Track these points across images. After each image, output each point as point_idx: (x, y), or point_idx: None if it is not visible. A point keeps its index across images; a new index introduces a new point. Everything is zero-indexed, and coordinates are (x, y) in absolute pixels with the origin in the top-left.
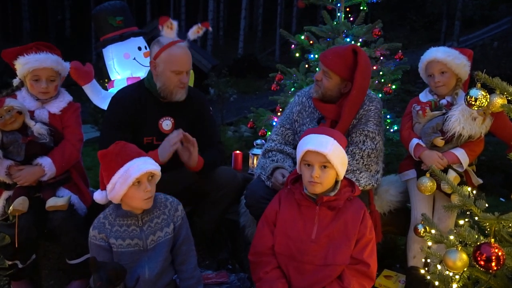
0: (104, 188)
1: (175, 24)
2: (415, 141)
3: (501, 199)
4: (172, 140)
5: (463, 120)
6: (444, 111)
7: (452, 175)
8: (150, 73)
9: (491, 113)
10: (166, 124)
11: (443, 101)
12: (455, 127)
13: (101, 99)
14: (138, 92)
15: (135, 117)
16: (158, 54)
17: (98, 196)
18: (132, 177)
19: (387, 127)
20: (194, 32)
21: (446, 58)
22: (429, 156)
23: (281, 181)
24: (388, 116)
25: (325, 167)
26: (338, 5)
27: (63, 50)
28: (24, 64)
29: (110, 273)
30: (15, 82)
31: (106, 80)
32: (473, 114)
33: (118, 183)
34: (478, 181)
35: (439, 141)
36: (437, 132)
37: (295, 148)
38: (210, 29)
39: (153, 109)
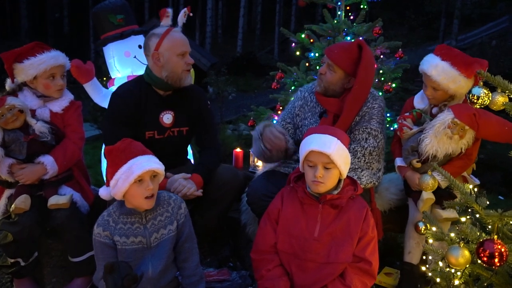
0: (109, 185)
1: (170, 11)
2: (397, 162)
3: (500, 197)
4: (187, 193)
5: (436, 142)
6: (424, 125)
7: (425, 197)
8: (148, 68)
9: (473, 126)
10: (167, 118)
11: (435, 110)
12: (428, 150)
13: (102, 97)
14: (138, 87)
15: (136, 112)
16: (160, 44)
17: (103, 192)
18: (134, 174)
19: (387, 125)
20: (182, 17)
21: (442, 81)
22: (411, 179)
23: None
24: (388, 115)
25: (328, 167)
26: (339, 3)
27: (61, 48)
28: (39, 64)
29: (125, 278)
30: (8, 85)
31: (104, 78)
32: (447, 134)
33: (121, 180)
34: (474, 182)
35: (416, 164)
36: (414, 153)
37: (296, 143)
38: (191, 14)
39: (153, 103)
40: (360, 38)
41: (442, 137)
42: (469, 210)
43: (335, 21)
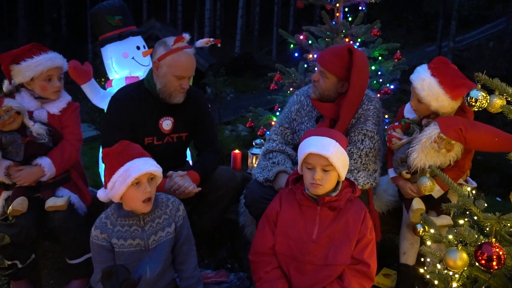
0: (107, 187)
1: (187, 37)
2: (390, 173)
3: (498, 198)
4: (185, 192)
5: (424, 156)
6: (413, 136)
7: (415, 207)
8: (150, 73)
9: (460, 140)
10: (166, 124)
11: (424, 121)
12: (416, 163)
13: (99, 98)
14: (137, 92)
15: (135, 117)
16: (164, 56)
17: (102, 194)
18: (131, 177)
19: (385, 126)
20: (203, 43)
21: (425, 97)
22: (403, 188)
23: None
24: (386, 116)
25: (327, 169)
26: (337, 5)
27: (59, 49)
28: (36, 66)
29: (124, 283)
30: (6, 86)
31: (103, 79)
32: (434, 148)
33: (118, 182)
34: (471, 185)
35: (405, 175)
36: (403, 164)
37: (294, 147)
38: (219, 45)
39: (153, 109)
40: (358, 40)
41: (430, 150)
42: (467, 212)
43: (334, 23)
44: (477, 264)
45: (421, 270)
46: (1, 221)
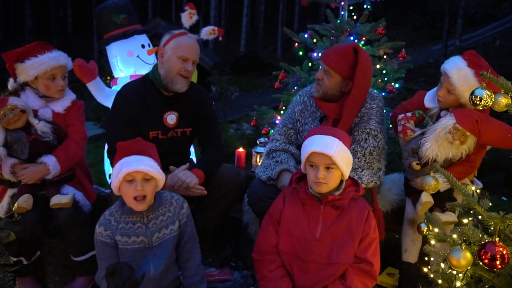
0: None
1: (196, 17)
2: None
3: (503, 197)
4: (189, 186)
5: (437, 147)
6: (427, 128)
7: (424, 200)
8: (155, 66)
9: (475, 132)
10: (171, 118)
11: (443, 113)
12: (428, 154)
13: (104, 96)
14: (142, 86)
15: (140, 112)
16: (168, 41)
17: None
18: (122, 172)
19: (390, 125)
20: (207, 32)
21: (460, 87)
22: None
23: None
24: (390, 115)
25: (330, 168)
26: (342, 3)
27: (64, 47)
28: (40, 65)
29: (127, 281)
30: (11, 85)
31: (108, 78)
32: (448, 139)
33: (113, 175)
34: (477, 186)
35: (415, 166)
36: (414, 155)
37: (298, 147)
38: (220, 38)
39: (157, 103)
40: (363, 38)
41: (443, 141)
42: (472, 211)
43: (338, 21)
44: (480, 263)
45: (425, 269)
46: (6, 219)
